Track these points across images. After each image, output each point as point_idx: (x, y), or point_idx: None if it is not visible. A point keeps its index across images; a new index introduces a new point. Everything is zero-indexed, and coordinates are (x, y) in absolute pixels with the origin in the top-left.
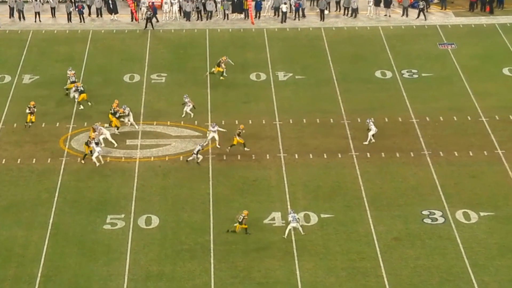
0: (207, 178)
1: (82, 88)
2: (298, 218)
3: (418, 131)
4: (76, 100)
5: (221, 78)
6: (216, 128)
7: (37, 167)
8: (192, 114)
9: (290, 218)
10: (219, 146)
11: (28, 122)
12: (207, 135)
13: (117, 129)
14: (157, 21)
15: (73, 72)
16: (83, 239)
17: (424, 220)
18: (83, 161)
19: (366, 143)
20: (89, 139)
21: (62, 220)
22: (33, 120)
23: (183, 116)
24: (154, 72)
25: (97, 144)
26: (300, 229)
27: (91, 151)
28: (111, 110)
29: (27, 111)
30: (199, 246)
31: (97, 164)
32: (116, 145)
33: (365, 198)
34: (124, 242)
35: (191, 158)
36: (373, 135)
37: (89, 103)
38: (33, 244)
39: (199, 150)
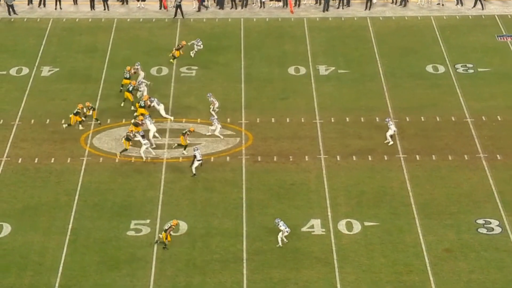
0: (240, 181)
1: (132, 87)
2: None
3: (473, 131)
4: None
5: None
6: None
7: (56, 167)
8: (214, 114)
9: (282, 227)
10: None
11: (73, 124)
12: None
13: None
14: (207, 8)
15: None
16: (105, 246)
17: (479, 230)
18: (118, 154)
19: (389, 142)
20: (131, 133)
21: (82, 225)
22: (79, 119)
23: (214, 117)
24: (183, 65)
25: (143, 136)
26: (283, 238)
27: (125, 149)
28: (140, 103)
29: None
30: (230, 256)
31: (143, 159)
32: (154, 146)
33: (414, 205)
34: (149, 250)
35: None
36: (391, 136)
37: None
38: (51, 251)
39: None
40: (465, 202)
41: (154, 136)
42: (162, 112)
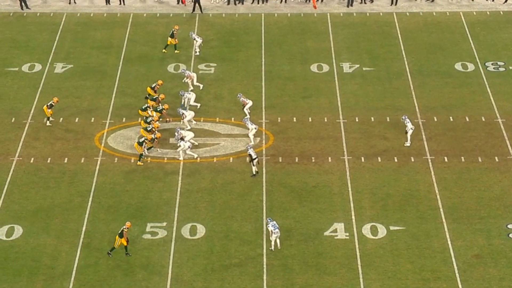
0: (260, 183)
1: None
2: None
3: (504, 132)
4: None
5: (176, 51)
6: (248, 123)
7: (69, 168)
8: (247, 112)
9: (270, 227)
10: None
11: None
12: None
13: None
14: (228, 3)
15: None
16: (120, 250)
17: (510, 235)
18: (139, 163)
19: (408, 144)
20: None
21: (96, 228)
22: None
23: (247, 117)
24: (202, 62)
25: (182, 139)
26: (276, 241)
27: (140, 155)
28: (158, 108)
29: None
30: (250, 260)
31: (180, 159)
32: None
33: (442, 209)
34: (165, 254)
35: (255, 169)
36: (409, 135)
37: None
38: (64, 255)
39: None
40: (496, 206)
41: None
42: (192, 100)
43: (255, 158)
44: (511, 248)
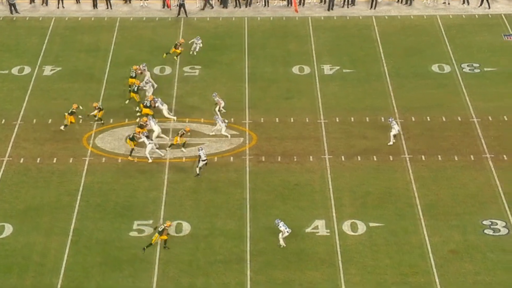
0: (243, 181)
1: (137, 87)
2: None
3: (479, 131)
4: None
5: (175, 58)
6: (219, 120)
7: (58, 168)
8: (218, 114)
9: (282, 228)
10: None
11: (69, 124)
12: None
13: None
14: (212, 7)
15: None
16: (107, 247)
17: (485, 231)
18: (130, 158)
19: (390, 143)
20: (136, 134)
21: (85, 226)
22: (100, 115)
23: (218, 116)
24: (187, 64)
25: (147, 137)
26: (282, 240)
27: (132, 149)
28: (144, 103)
29: (95, 111)
30: (234, 257)
31: (149, 160)
32: (157, 146)
33: (419, 206)
34: (152, 251)
35: (199, 168)
36: (394, 136)
37: (127, 101)
38: (53, 252)
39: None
40: (471, 203)
41: (159, 137)
42: (165, 112)
43: (204, 160)
44: (486, 243)
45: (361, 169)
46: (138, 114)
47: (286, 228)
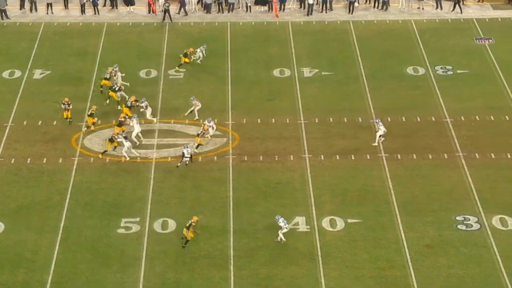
0: (227, 180)
1: (116, 88)
2: (287, 224)
3: (453, 131)
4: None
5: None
6: (212, 123)
7: (48, 167)
8: (197, 115)
9: (281, 223)
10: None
11: (64, 118)
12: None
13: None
14: (186, 14)
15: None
16: (96, 244)
17: (458, 227)
18: (101, 156)
19: (375, 144)
20: (114, 135)
21: (74, 223)
22: (69, 116)
23: (185, 115)
24: (172, 67)
25: (125, 138)
26: (281, 236)
27: (114, 147)
28: (127, 103)
29: (62, 106)
30: (218, 253)
31: (126, 159)
32: (138, 143)
33: (395, 203)
34: (139, 248)
35: (181, 163)
36: (381, 136)
37: (107, 101)
38: (43, 249)
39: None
40: (445, 199)
41: (137, 136)
42: (148, 115)
43: (186, 157)
44: (459, 238)
45: (340, 167)
46: (120, 108)
47: (285, 224)
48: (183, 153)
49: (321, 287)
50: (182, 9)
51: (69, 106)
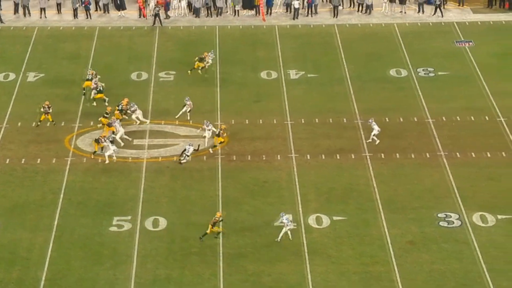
0: (216, 179)
1: (101, 88)
2: (291, 221)
3: (434, 131)
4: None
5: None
6: (210, 126)
7: (42, 168)
8: (188, 116)
9: (284, 220)
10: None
11: (43, 121)
12: (203, 134)
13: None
14: (167, 17)
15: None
16: (89, 242)
17: (440, 223)
18: (92, 156)
19: (370, 140)
20: (101, 137)
21: (67, 222)
22: (50, 119)
23: (177, 116)
24: (162, 70)
25: (112, 142)
26: (288, 233)
27: (102, 148)
28: (118, 107)
29: (42, 110)
30: (208, 250)
31: (107, 161)
32: (122, 144)
33: (379, 201)
34: (131, 245)
35: (184, 160)
36: (376, 136)
37: (94, 103)
38: (38, 247)
39: (192, 151)
40: (427, 197)
41: (122, 138)
42: (138, 116)
43: (188, 156)
44: (441, 235)
45: (325, 167)
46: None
47: (288, 222)
48: (185, 149)
49: (307, 283)
50: (165, 13)
51: (49, 110)
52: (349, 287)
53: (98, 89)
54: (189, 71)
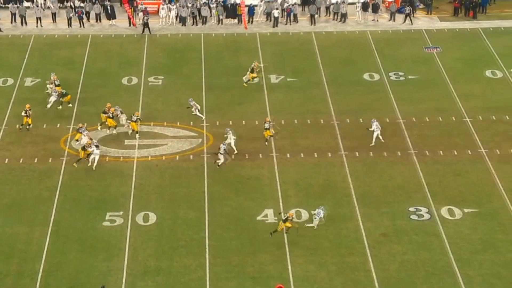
0: (202, 176)
1: (63, 92)
2: (321, 216)
3: (405, 131)
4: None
5: (244, 84)
6: (230, 134)
7: (39, 167)
8: (203, 117)
9: (318, 210)
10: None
11: (25, 125)
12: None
13: (115, 128)
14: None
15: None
16: (83, 236)
17: (411, 217)
18: (75, 165)
19: (374, 142)
20: (86, 144)
21: (63, 217)
22: (30, 122)
23: (200, 117)
24: (151, 75)
25: (97, 147)
26: (314, 224)
27: (88, 155)
28: (107, 114)
29: (23, 114)
30: (195, 242)
31: (90, 164)
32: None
33: (354, 196)
34: (122, 239)
35: (221, 161)
36: (379, 135)
37: (70, 105)
38: (35, 241)
39: (224, 149)
40: (399, 192)
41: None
42: (123, 121)
43: (221, 154)
44: (412, 227)
45: (304, 164)
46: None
47: (319, 215)
48: (220, 148)
49: (288, 273)
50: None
51: (26, 113)
52: (327, 277)
53: (62, 94)
54: (245, 84)
